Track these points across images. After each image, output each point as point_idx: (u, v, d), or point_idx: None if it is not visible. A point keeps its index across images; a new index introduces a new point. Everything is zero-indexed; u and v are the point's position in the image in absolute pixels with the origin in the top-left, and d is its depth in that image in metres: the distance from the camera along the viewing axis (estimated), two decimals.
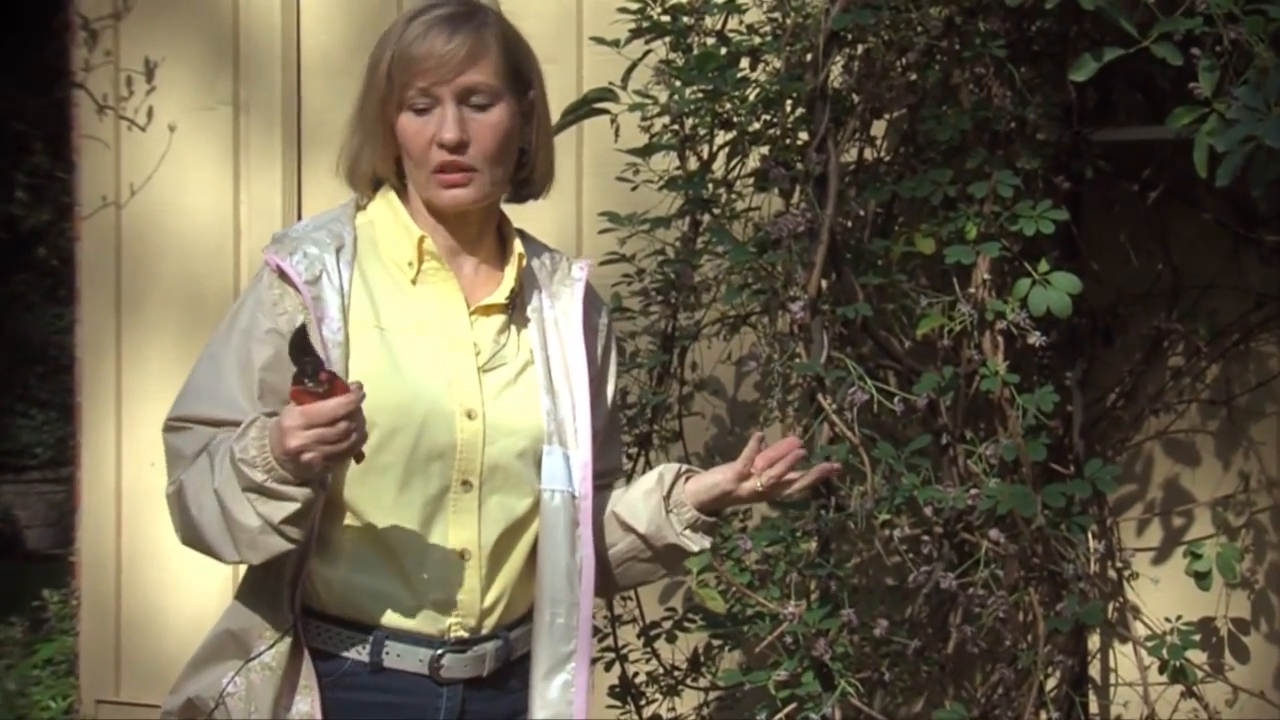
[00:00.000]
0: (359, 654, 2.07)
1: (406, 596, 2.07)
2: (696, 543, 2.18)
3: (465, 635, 2.10)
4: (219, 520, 1.99)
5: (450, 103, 2.08)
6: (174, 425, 2.10)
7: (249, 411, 2.03)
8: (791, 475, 2.15)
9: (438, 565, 2.08)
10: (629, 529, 2.21)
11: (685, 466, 2.21)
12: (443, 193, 2.11)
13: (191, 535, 2.06)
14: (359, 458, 1.96)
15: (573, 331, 2.20)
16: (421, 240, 2.13)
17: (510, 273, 2.18)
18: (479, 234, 2.18)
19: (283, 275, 2.08)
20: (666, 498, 2.18)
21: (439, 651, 2.08)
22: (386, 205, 2.17)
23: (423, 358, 2.10)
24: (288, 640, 2.05)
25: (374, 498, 2.07)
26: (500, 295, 2.16)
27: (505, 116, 2.11)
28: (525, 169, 2.18)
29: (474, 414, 2.09)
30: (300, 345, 1.91)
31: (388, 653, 2.07)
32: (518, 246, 2.19)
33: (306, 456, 1.90)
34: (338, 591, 2.08)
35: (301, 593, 2.07)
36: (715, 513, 2.20)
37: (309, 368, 1.90)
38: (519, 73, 2.14)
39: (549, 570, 2.13)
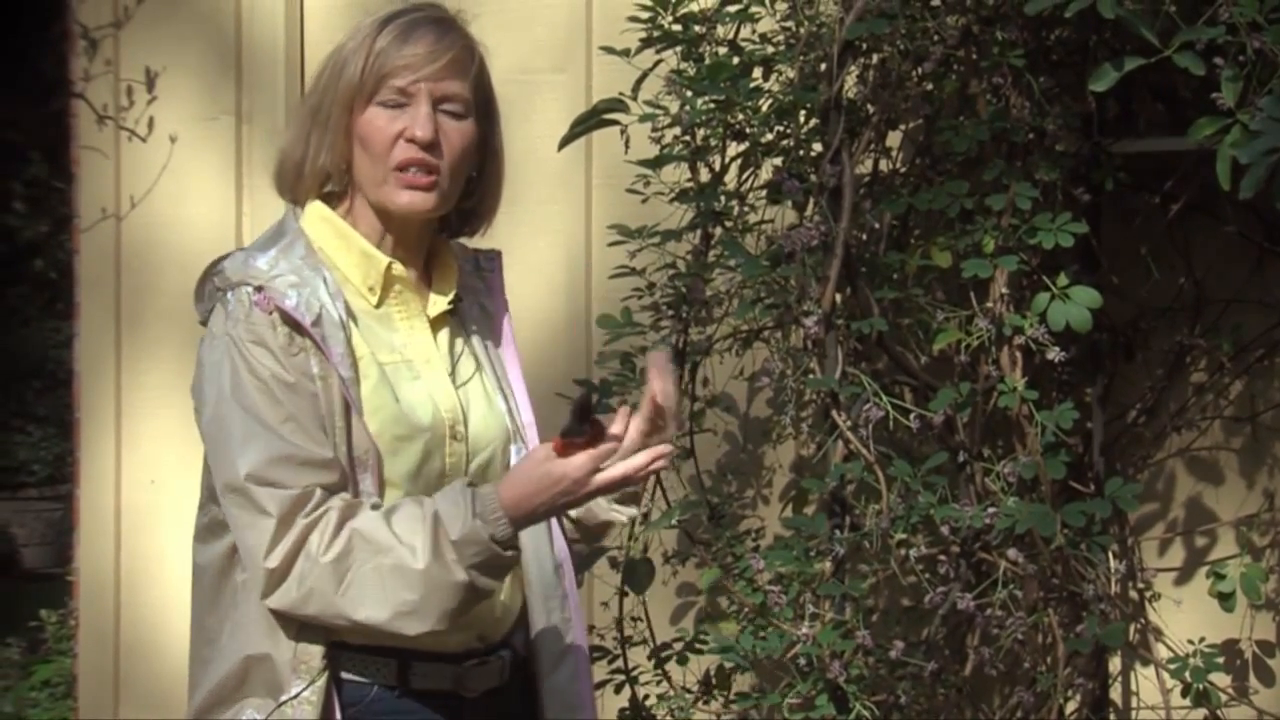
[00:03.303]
0: (386, 678, 2.04)
1: None
2: (626, 514, 2.20)
3: (483, 648, 2.10)
4: (431, 594, 1.93)
5: (425, 103, 2.05)
6: (264, 481, 1.95)
7: (331, 452, 1.96)
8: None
9: None
10: None
11: None
12: (401, 193, 2.05)
13: (342, 605, 1.95)
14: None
15: (500, 325, 2.21)
16: (389, 267, 2.09)
17: (452, 277, 2.15)
18: (418, 246, 2.14)
19: (285, 318, 1.99)
20: None
21: (463, 667, 2.07)
22: (328, 227, 2.10)
23: (411, 383, 2.07)
24: (325, 674, 2.00)
25: None
26: (444, 304, 2.14)
27: (472, 132, 2.09)
28: (472, 198, 2.16)
29: (458, 433, 2.09)
30: (584, 412, 1.93)
31: (414, 674, 2.05)
32: (453, 249, 2.18)
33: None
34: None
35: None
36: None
37: (582, 430, 1.93)
38: (487, 104, 2.13)
39: (536, 567, 2.14)
